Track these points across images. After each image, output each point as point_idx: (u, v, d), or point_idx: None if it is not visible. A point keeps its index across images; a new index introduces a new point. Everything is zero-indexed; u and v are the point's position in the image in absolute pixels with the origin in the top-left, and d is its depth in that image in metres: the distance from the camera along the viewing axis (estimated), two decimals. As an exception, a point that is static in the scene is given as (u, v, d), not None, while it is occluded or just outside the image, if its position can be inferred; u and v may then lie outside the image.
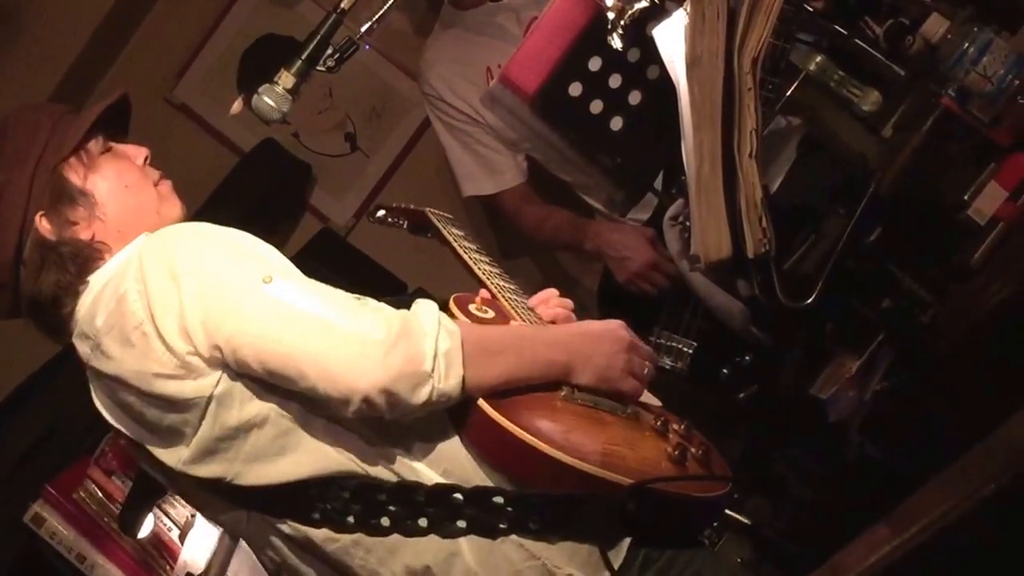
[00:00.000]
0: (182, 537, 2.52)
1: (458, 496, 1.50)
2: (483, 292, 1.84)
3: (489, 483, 1.52)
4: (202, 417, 1.53)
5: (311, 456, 1.53)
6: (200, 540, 2.47)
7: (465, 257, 1.92)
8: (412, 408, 1.46)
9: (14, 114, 1.75)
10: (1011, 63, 1.70)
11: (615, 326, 1.65)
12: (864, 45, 1.82)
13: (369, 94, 3.61)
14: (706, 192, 1.80)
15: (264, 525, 1.62)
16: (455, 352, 1.47)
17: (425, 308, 1.51)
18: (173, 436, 1.57)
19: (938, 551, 1.37)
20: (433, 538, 1.51)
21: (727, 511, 1.70)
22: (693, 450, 1.56)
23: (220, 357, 1.50)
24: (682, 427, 1.62)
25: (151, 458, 1.64)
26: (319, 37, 1.90)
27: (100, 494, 2.61)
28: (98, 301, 1.62)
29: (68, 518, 2.59)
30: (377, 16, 1.97)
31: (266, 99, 1.87)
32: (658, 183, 2.26)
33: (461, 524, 1.50)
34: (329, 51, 1.91)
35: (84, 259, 1.66)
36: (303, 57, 1.89)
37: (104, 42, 3.66)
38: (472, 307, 1.72)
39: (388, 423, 1.51)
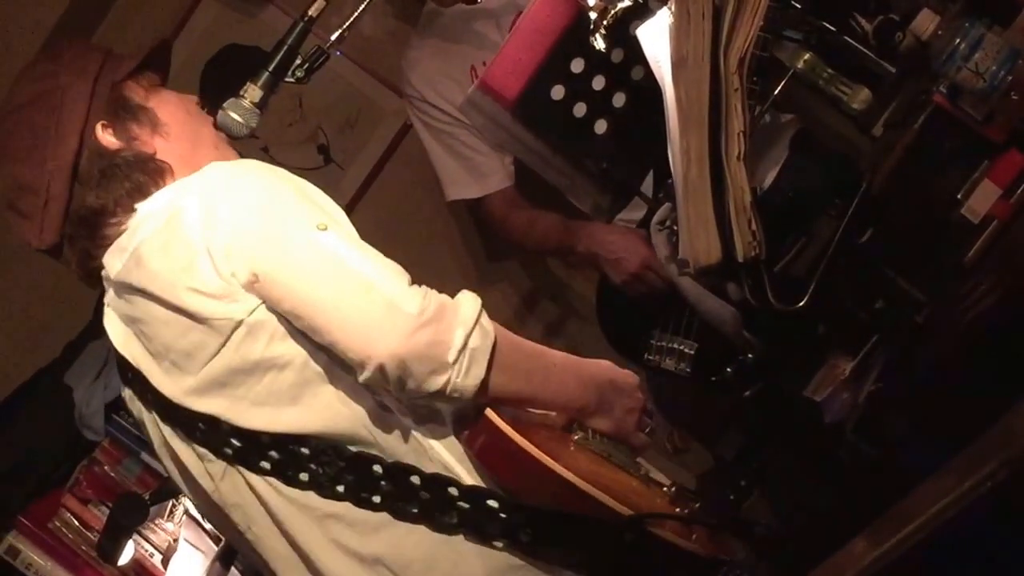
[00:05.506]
0: (165, 562, 2.48)
1: (453, 490, 1.49)
2: None
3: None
4: (224, 343, 1.50)
5: (322, 413, 1.51)
6: (184, 564, 2.43)
7: None
8: (423, 393, 1.44)
9: (65, 41, 1.77)
10: (1004, 58, 1.68)
11: (636, 383, 1.67)
12: (853, 42, 1.81)
13: (342, 104, 3.55)
14: (694, 196, 1.78)
15: (240, 484, 1.58)
16: (483, 352, 1.45)
17: (468, 301, 1.50)
18: (183, 361, 1.54)
19: (935, 549, 1.36)
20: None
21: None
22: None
23: (256, 287, 1.49)
24: (696, 505, 1.62)
25: (147, 389, 1.59)
26: (287, 47, 1.82)
27: (76, 522, 2.58)
28: (148, 218, 1.59)
29: (44, 548, 2.57)
30: (348, 23, 1.89)
31: (232, 114, 1.78)
32: (647, 186, 2.23)
33: (452, 519, 1.49)
34: (298, 61, 1.84)
35: (149, 171, 1.64)
36: (270, 68, 1.81)
37: (54, 54, 3.58)
38: None
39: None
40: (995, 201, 1.73)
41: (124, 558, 2.49)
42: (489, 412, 1.48)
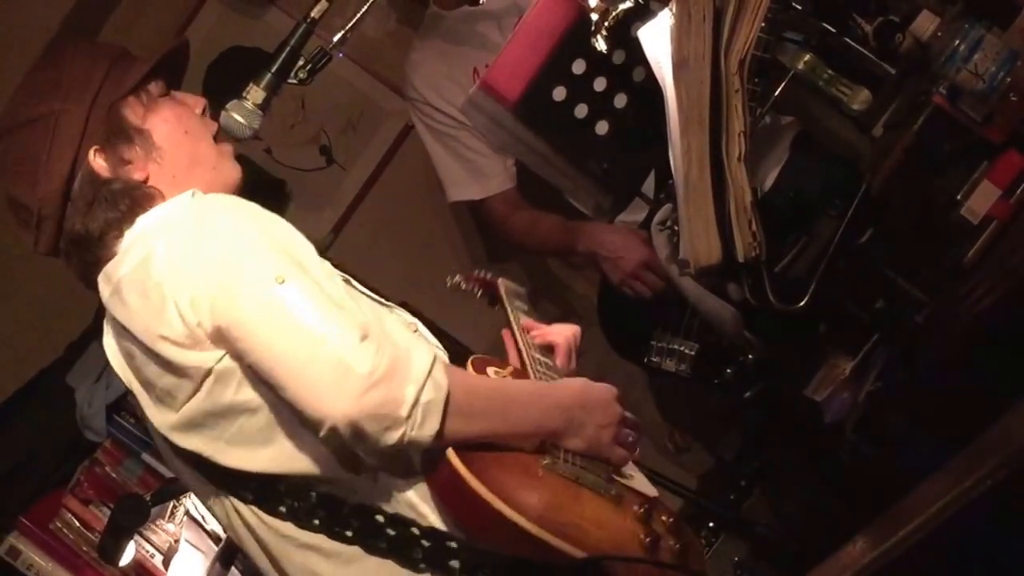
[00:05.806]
0: (166, 563, 2.48)
1: (415, 530, 1.50)
2: (512, 359, 1.84)
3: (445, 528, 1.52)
4: (196, 388, 1.52)
5: (292, 455, 1.52)
6: (185, 565, 2.43)
7: (517, 336, 1.90)
8: (380, 448, 1.43)
9: (71, 46, 1.72)
10: (1003, 60, 1.69)
11: (610, 397, 1.63)
12: (853, 43, 1.81)
13: (343, 105, 3.55)
14: (695, 197, 1.78)
15: (230, 509, 1.61)
16: (436, 404, 1.45)
17: (420, 353, 1.48)
18: (166, 398, 1.56)
19: (934, 548, 1.37)
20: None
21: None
22: (670, 542, 1.51)
23: (221, 338, 1.49)
24: (669, 520, 1.56)
25: (143, 413, 1.62)
26: (289, 48, 1.82)
27: (77, 523, 2.58)
28: (131, 248, 1.60)
29: (45, 549, 2.57)
30: (350, 24, 1.88)
31: (235, 116, 1.78)
32: (648, 187, 2.23)
33: (417, 555, 1.49)
34: (300, 62, 1.83)
35: (136, 198, 1.63)
36: (273, 70, 1.80)
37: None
38: (491, 370, 1.71)
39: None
40: (995, 201, 1.75)
41: (125, 559, 2.49)
42: (450, 451, 1.48)
